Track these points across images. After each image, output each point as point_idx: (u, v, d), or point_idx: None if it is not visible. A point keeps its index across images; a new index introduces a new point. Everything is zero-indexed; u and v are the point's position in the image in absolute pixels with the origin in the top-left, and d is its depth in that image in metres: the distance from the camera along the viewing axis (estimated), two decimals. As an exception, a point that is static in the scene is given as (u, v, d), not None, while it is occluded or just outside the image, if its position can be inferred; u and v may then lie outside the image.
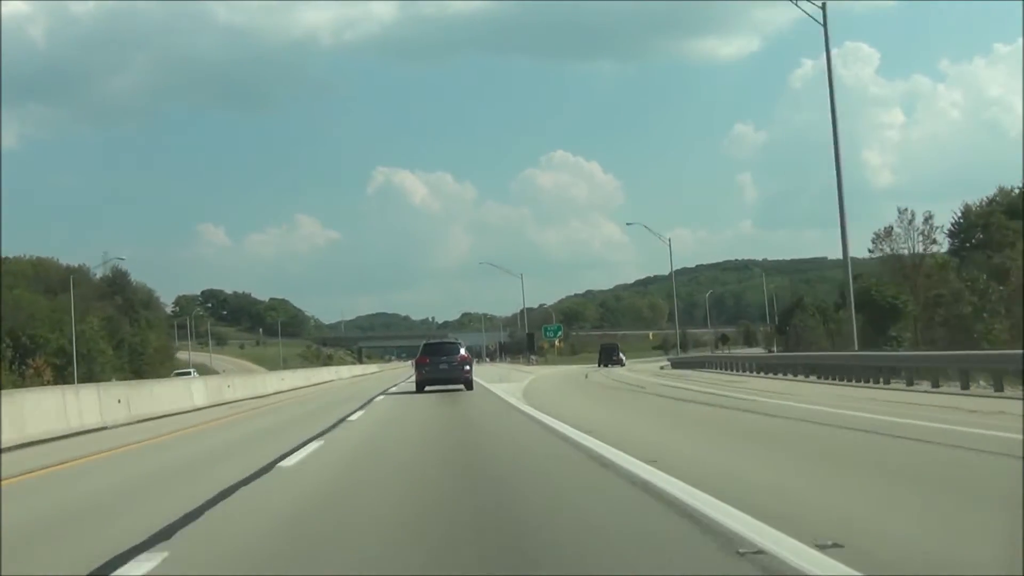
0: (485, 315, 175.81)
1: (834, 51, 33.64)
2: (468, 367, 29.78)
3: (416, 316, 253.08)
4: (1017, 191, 60.37)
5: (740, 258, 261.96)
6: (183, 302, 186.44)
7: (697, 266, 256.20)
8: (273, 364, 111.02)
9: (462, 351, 30.31)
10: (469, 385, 29.20)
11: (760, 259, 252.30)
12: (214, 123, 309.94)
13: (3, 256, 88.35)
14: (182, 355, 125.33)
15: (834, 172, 32.82)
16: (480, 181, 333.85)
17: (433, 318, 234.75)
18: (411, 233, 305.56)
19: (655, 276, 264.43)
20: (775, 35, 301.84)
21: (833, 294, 71.59)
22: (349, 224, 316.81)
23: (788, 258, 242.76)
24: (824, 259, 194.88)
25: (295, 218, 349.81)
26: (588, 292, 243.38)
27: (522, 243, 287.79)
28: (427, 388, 29.23)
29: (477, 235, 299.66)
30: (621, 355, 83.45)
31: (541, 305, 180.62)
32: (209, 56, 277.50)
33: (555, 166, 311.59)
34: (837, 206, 32.93)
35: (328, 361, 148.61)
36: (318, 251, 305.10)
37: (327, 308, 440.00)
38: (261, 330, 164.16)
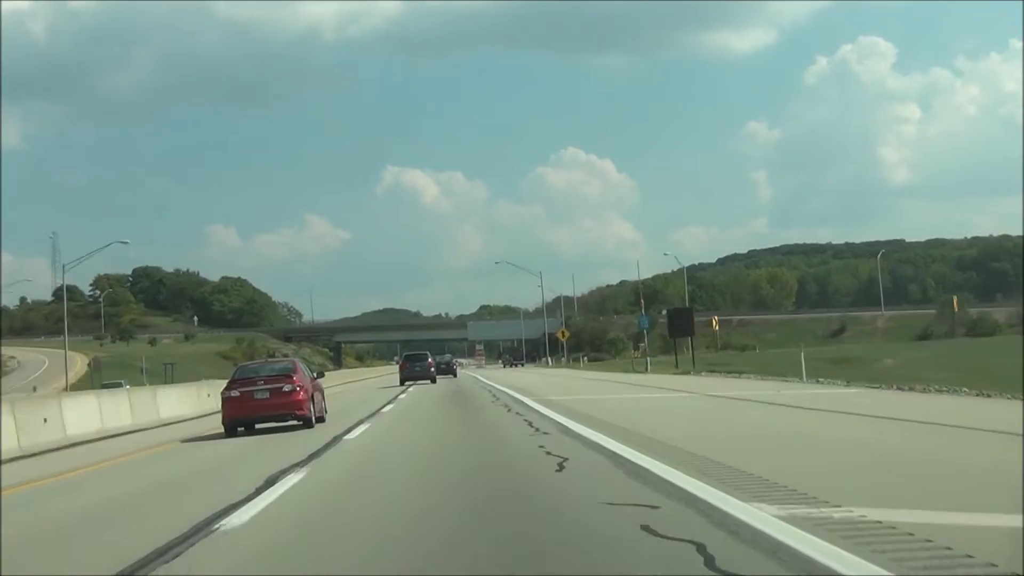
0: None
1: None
2: (433, 369, 49.70)
3: (427, 313, 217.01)
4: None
5: (806, 242, 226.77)
6: (105, 283, 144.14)
7: (750, 251, 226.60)
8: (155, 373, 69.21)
9: (429, 359, 50.91)
10: (433, 379, 47.55)
11: (824, 243, 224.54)
12: (219, 121, 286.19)
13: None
14: (22, 352, 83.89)
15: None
16: (491, 180, 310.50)
17: (447, 313, 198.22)
18: (422, 232, 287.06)
19: (700, 264, 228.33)
20: (791, 28, 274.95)
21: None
22: (360, 224, 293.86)
23: (860, 241, 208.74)
24: (901, 240, 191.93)
25: (305, 218, 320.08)
26: (622, 282, 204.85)
27: (534, 242, 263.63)
28: (406, 383, 46.52)
29: (489, 234, 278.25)
30: None
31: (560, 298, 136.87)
32: (211, 52, 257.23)
33: (567, 164, 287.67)
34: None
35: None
36: (329, 251, 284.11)
37: (338, 309, 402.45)
38: (196, 319, 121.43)
